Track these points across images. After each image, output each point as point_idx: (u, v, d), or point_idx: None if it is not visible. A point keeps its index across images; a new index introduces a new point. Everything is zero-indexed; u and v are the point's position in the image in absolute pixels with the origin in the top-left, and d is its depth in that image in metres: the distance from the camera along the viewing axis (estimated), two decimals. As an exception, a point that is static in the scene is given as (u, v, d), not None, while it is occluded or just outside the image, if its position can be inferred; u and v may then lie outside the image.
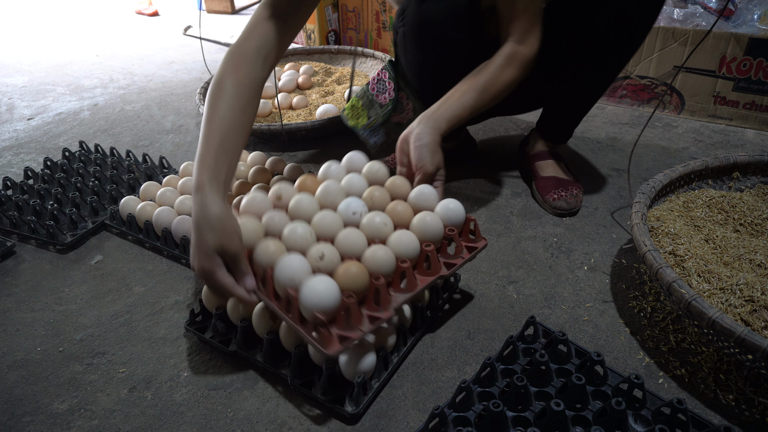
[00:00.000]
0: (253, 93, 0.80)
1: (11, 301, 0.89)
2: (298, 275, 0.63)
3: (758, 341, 0.58)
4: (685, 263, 0.76)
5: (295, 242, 0.69)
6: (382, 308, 0.66)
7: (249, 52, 0.81)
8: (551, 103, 1.09)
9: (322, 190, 0.79)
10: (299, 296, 0.62)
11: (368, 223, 0.73)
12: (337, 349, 0.60)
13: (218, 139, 0.72)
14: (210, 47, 2.33)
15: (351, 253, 0.69)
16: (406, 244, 0.71)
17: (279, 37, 0.83)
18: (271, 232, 0.72)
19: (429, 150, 0.81)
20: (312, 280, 0.62)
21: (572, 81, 1.00)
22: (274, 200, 0.78)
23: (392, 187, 0.82)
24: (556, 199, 1.02)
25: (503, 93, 0.89)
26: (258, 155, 1.16)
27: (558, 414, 0.57)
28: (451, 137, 1.17)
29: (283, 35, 0.83)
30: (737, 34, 1.26)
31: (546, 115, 1.10)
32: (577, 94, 1.03)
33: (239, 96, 0.76)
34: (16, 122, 1.64)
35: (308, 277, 0.63)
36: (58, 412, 0.69)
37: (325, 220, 0.73)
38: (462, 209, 0.78)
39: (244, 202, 0.76)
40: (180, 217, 0.96)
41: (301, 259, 0.66)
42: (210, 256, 0.64)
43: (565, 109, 1.06)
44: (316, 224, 0.73)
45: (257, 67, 0.81)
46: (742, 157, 0.95)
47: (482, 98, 0.87)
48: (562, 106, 1.06)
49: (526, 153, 1.16)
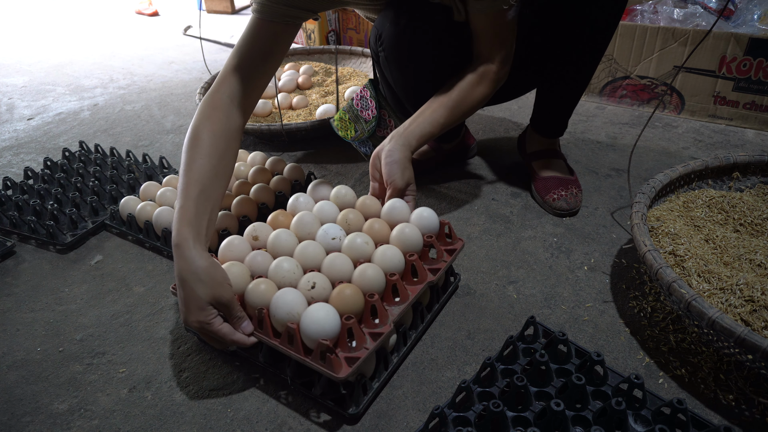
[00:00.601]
0: (231, 141, 0.80)
1: (11, 301, 0.89)
2: (296, 308, 0.65)
3: (758, 341, 0.58)
4: (685, 263, 0.76)
5: (284, 278, 0.70)
6: (381, 323, 0.68)
7: (222, 101, 0.81)
8: (539, 95, 1.09)
9: (297, 222, 0.81)
10: (300, 328, 0.63)
11: (350, 245, 0.75)
12: (347, 371, 0.62)
13: (197, 189, 0.71)
14: (210, 47, 2.33)
15: (340, 277, 0.71)
16: (391, 258, 0.73)
17: (251, 84, 0.84)
18: (256, 272, 0.73)
19: (399, 166, 0.83)
20: (310, 310, 0.63)
21: (553, 74, 1.01)
22: (251, 241, 0.80)
23: (363, 207, 0.84)
24: (556, 199, 1.02)
25: (474, 109, 0.91)
26: (258, 155, 1.16)
27: (558, 414, 0.57)
28: (448, 138, 1.18)
29: (255, 82, 0.85)
30: (737, 34, 1.26)
31: (537, 109, 1.11)
32: (561, 86, 1.03)
33: (216, 146, 0.76)
34: (16, 122, 1.64)
35: (305, 308, 0.64)
36: (58, 412, 0.69)
37: (308, 250, 0.74)
38: (435, 216, 0.81)
39: (222, 247, 0.76)
40: None
41: (294, 292, 0.66)
42: (203, 309, 0.64)
43: (554, 100, 1.07)
44: (300, 256, 0.74)
45: (232, 115, 0.82)
46: (742, 157, 0.95)
47: (453, 115, 0.88)
48: (549, 98, 1.07)
49: (524, 151, 1.16)
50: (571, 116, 1.09)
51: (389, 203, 0.82)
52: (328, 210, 0.84)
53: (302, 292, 0.67)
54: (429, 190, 1.14)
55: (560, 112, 1.08)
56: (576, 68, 0.99)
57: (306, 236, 0.79)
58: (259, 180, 1.07)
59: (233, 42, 2.35)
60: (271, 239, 0.77)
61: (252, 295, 0.68)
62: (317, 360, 0.62)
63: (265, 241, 0.79)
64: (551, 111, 1.08)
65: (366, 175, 1.22)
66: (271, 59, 0.86)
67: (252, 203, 0.99)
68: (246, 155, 1.18)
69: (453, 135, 1.18)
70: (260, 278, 0.70)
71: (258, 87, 0.86)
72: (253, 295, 0.68)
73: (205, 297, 0.64)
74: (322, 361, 0.62)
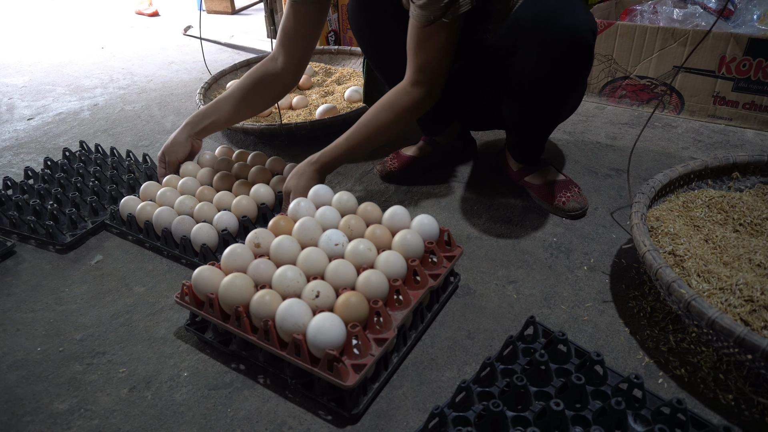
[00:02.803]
0: (260, 81, 1.09)
1: (11, 301, 0.89)
2: (301, 319, 0.65)
3: (758, 341, 0.58)
4: (684, 263, 0.76)
5: (288, 287, 0.70)
6: (386, 329, 0.68)
7: (265, 59, 1.11)
8: (507, 130, 1.09)
9: (299, 228, 0.81)
10: (307, 338, 0.63)
11: (353, 251, 0.76)
12: (354, 379, 0.62)
13: (212, 103, 1.11)
14: (210, 47, 2.33)
15: (343, 284, 0.72)
16: (394, 264, 0.74)
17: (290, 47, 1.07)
18: (260, 281, 0.73)
19: (295, 174, 0.96)
20: (316, 320, 0.63)
21: (508, 118, 1.01)
22: (253, 248, 0.80)
23: (365, 214, 0.85)
24: (566, 201, 1.01)
25: (380, 133, 0.96)
26: (258, 155, 1.16)
27: (558, 414, 0.57)
28: (437, 130, 1.17)
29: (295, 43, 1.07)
30: (737, 34, 1.27)
31: (509, 139, 1.09)
32: (522, 126, 1.01)
33: (243, 83, 1.09)
34: (16, 122, 1.64)
35: (310, 318, 0.65)
36: (59, 411, 0.69)
37: (311, 257, 0.75)
38: (436, 223, 0.82)
39: (225, 256, 0.77)
40: (180, 217, 0.96)
41: (299, 303, 0.67)
42: (163, 152, 1.13)
43: (521, 136, 1.04)
44: (303, 263, 0.75)
45: (267, 64, 1.09)
46: (741, 157, 0.96)
47: (354, 137, 0.96)
48: (517, 133, 1.04)
49: (508, 169, 1.13)
50: (546, 142, 1.05)
51: (390, 210, 0.84)
52: (330, 216, 0.84)
53: (307, 302, 0.68)
54: (429, 190, 1.14)
55: (530, 145, 1.05)
56: (527, 115, 0.96)
57: (308, 242, 0.80)
58: (259, 180, 1.07)
59: (233, 42, 2.35)
60: (274, 246, 0.77)
61: (257, 306, 0.68)
62: (325, 369, 0.63)
63: (267, 247, 0.79)
64: (521, 144, 1.06)
65: (366, 174, 1.22)
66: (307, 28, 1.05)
67: (251, 202, 0.99)
68: (246, 155, 1.18)
69: (441, 126, 1.17)
70: (264, 289, 0.70)
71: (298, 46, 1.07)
72: (258, 306, 0.68)
73: (163, 148, 1.12)
74: (330, 371, 0.63)
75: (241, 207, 0.98)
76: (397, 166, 1.17)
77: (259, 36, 2.40)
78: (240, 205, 0.98)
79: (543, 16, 0.81)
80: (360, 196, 1.14)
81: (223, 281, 0.71)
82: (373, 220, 0.85)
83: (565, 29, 0.80)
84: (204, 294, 0.73)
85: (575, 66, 0.85)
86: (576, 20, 0.80)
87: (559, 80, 0.87)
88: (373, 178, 1.20)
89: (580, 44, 0.81)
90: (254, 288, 0.72)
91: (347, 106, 1.48)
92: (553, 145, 1.30)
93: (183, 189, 1.05)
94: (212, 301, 0.72)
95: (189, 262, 0.94)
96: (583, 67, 0.87)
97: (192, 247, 0.93)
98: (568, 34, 0.80)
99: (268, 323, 0.66)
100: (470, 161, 1.25)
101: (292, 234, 0.81)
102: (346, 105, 1.49)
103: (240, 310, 0.69)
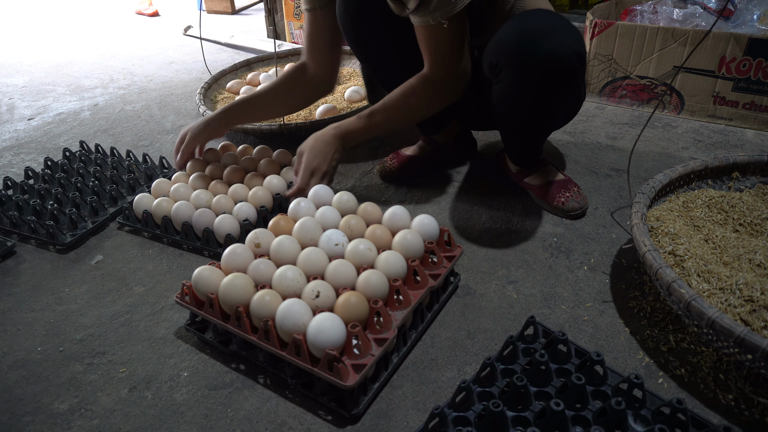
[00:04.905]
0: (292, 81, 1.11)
1: (11, 301, 0.89)
2: (302, 319, 0.65)
3: (758, 341, 0.58)
4: (684, 263, 0.76)
5: (288, 287, 0.70)
6: (386, 329, 0.69)
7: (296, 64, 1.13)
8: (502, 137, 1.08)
9: (299, 228, 0.81)
10: (307, 338, 0.63)
11: (353, 251, 0.76)
12: (355, 379, 0.62)
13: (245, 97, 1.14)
14: (210, 47, 2.33)
15: (343, 284, 0.72)
16: (395, 264, 0.74)
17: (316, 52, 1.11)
18: (260, 281, 0.73)
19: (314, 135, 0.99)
20: (316, 320, 0.64)
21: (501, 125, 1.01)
22: (253, 248, 0.80)
23: (365, 213, 0.86)
24: (565, 202, 1.01)
25: (402, 116, 0.97)
26: (263, 149, 1.19)
27: (558, 414, 0.57)
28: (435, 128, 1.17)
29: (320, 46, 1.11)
30: (737, 34, 1.27)
31: (505, 145, 1.08)
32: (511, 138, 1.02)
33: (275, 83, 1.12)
34: (16, 122, 1.64)
35: (310, 318, 0.65)
36: (59, 411, 0.69)
37: (311, 257, 0.75)
38: (436, 223, 0.82)
39: (225, 256, 0.77)
40: (200, 210, 0.98)
41: (299, 303, 0.67)
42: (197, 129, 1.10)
43: (512, 146, 1.04)
44: (303, 263, 0.75)
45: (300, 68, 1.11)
46: (741, 157, 0.96)
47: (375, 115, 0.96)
48: (509, 143, 1.05)
49: (507, 170, 1.12)
50: (542, 147, 1.04)
51: (390, 210, 0.84)
52: (330, 216, 0.85)
53: (307, 302, 0.68)
54: (429, 190, 1.14)
55: (524, 153, 1.05)
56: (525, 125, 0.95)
57: (308, 242, 0.80)
58: (270, 171, 1.10)
59: (233, 42, 2.35)
60: (274, 246, 0.78)
61: (257, 306, 0.68)
62: (325, 369, 0.63)
63: (267, 247, 0.79)
64: (515, 151, 1.06)
65: (366, 174, 1.22)
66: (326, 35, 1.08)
67: (267, 193, 1.03)
68: (251, 150, 1.20)
69: (441, 124, 1.17)
70: (264, 289, 0.70)
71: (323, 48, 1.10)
72: (258, 306, 0.68)
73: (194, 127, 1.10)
74: (330, 371, 0.63)
75: (258, 197, 1.00)
76: (397, 166, 1.17)
77: (259, 36, 2.40)
78: (256, 195, 1.01)
79: (525, 38, 0.80)
80: (360, 196, 1.14)
81: (223, 281, 0.71)
82: (373, 220, 0.85)
83: (545, 54, 0.79)
84: (204, 294, 0.73)
85: (557, 90, 0.84)
86: (559, 44, 0.79)
87: (541, 103, 0.87)
88: (373, 178, 1.20)
89: (562, 69, 0.80)
90: (254, 288, 0.72)
91: (347, 106, 1.48)
92: (553, 145, 1.30)
93: (195, 184, 1.07)
94: (212, 301, 0.72)
95: (213, 254, 0.95)
96: (568, 90, 0.86)
97: (215, 239, 0.94)
98: (549, 58, 0.79)
99: (268, 323, 0.66)
100: (470, 161, 1.25)
101: (292, 234, 0.81)
102: (346, 105, 1.49)
103: (240, 310, 0.69)
